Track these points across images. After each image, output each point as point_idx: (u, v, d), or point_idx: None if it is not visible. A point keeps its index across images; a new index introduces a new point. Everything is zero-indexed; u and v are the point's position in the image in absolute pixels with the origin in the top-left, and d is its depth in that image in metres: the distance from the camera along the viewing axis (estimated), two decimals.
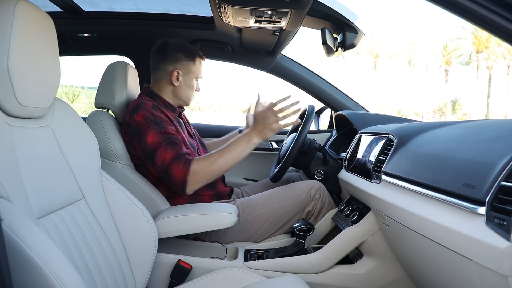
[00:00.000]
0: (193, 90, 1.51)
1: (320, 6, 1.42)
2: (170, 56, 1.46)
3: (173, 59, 1.45)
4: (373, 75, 34.64)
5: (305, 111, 1.60)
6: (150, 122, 1.30)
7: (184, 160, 1.27)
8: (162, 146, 1.28)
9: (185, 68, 1.47)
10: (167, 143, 1.29)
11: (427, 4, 0.75)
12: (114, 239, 0.97)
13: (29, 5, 0.76)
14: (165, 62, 1.46)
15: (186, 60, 1.46)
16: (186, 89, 1.49)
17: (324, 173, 1.59)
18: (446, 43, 32.77)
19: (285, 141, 1.79)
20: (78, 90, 14.63)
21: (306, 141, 1.61)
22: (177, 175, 1.26)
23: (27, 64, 0.75)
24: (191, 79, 1.48)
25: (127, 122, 1.35)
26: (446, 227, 0.71)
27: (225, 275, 1.07)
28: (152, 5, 1.84)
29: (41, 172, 0.79)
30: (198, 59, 1.49)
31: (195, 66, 1.48)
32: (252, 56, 2.00)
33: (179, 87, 1.48)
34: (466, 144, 0.80)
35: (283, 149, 1.70)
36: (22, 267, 0.58)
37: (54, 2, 1.66)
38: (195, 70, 1.49)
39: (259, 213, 1.41)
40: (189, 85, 1.49)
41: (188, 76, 1.48)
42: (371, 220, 1.18)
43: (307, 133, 1.49)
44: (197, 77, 1.51)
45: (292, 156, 1.47)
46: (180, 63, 1.46)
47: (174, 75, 1.45)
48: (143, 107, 1.34)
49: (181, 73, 1.46)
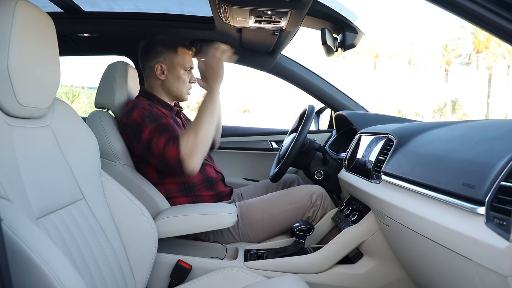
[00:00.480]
0: (184, 82, 1.48)
1: (320, 6, 1.42)
2: (151, 51, 1.46)
3: (154, 54, 1.45)
4: (373, 75, 34.65)
5: (305, 111, 1.60)
6: (146, 118, 1.30)
7: (172, 141, 1.25)
8: (156, 135, 1.27)
9: (168, 60, 1.45)
10: (160, 131, 1.27)
11: (427, 4, 0.75)
12: (114, 239, 0.97)
13: (29, 5, 0.76)
14: (148, 58, 1.47)
15: (167, 52, 1.45)
16: (174, 81, 1.47)
17: (324, 173, 1.59)
18: (446, 43, 32.78)
19: (285, 141, 1.79)
20: (78, 90, 14.62)
21: (306, 141, 1.61)
22: (171, 157, 1.23)
23: (27, 64, 0.75)
24: (177, 70, 1.46)
25: (124, 123, 1.35)
26: (446, 227, 0.71)
27: (225, 275, 1.07)
28: (152, 5, 1.84)
29: (41, 172, 0.79)
30: (181, 49, 1.46)
31: (178, 56, 1.45)
32: (252, 56, 2.00)
33: (167, 81, 1.46)
34: (466, 144, 0.80)
35: (283, 149, 1.69)
36: (22, 267, 0.58)
37: (54, 2, 1.66)
38: (180, 61, 1.46)
39: (258, 218, 1.40)
40: (176, 77, 1.46)
41: (173, 68, 1.46)
42: (371, 220, 1.18)
43: (307, 133, 1.49)
44: (184, 67, 1.47)
45: (292, 156, 1.47)
46: (161, 56, 1.45)
47: (158, 69, 1.44)
48: (138, 106, 1.34)
49: (164, 66, 1.45)
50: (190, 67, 1.50)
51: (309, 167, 1.62)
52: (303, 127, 1.48)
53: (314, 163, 1.61)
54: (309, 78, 2.04)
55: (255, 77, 61.81)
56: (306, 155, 1.61)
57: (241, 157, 2.14)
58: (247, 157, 2.14)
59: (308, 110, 1.56)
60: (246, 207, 1.42)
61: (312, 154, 1.62)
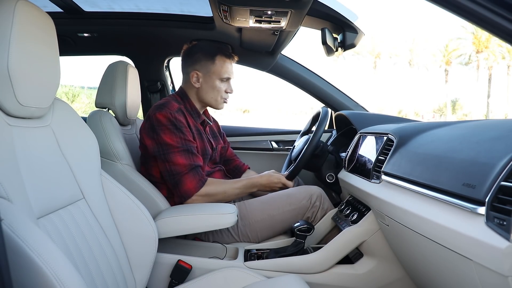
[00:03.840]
0: (219, 92, 1.46)
1: (320, 6, 1.42)
2: (190, 57, 1.46)
3: (192, 60, 1.45)
4: (373, 75, 34.64)
5: (319, 113, 1.59)
6: (170, 124, 1.33)
7: (199, 176, 1.34)
8: (179, 150, 1.32)
9: (204, 69, 1.44)
10: (184, 150, 1.32)
11: (427, 4, 0.75)
12: (114, 239, 0.97)
13: (29, 5, 0.76)
14: (186, 64, 1.47)
15: (204, 60, 1.44)
16: (209, 90, 1.45)
17: (335, 176, 1.57)
18: (446, 43, 32.77)
19: (296, 143, 1.78)
20: (78, 90, 14.63)
21: (319, 144, 1.59)
22: (186, 187, 1.32)
23: (27, 64, 0.75)
24: (212, 80, 1.44)
25: (149, 115, 1.38)
26: (446, 227, 0.71)
27: (225, 275, 1.07)
28: (152, 5, 1.84)
29: (41, 172, 0.79)
30: (219, 57, 1.44)
31: (215, 65, 1.44)
32: (252, 56, 2.00)
33: (201, 89, 1.46)
34: (466, 144, 0.80)
35: (295, 150, 1.68)
36: (22, 267, 0.58)
37: (54, 2, 1.66)
38: (216, 70, 1.44)
39: (258, 219, 1.40)
40: (211, 86, 1.45)
41: (209, 77, 1.44)
42: (371, 220, 1.18)
43: (321, 135, 1.48)
44: (221, 77, 1.45)
45: (306, 158, 1.46)
46: (198, 63, 1.44)
47: (193, 77, 1.45)
48: (168, 107, 1.36)
49: (200, 74, 1.44)
50: (227, 77, 1.47)
51: (320, 170, 1.61)
52: (318, 130, 1.47)
53: (326, 166, 1.60)
54: (309, 78, 2.04)
55: (255, 77, 61.79)
56: (318, 157, 1.60)
57: (241, 157, 2.14)
58: (247, 157, 2.14)
59: (322, 113, 1.55)
60: (246, 207, 1.42)
61: (325, 157, 1.60)
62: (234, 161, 1.73)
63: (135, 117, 1.58)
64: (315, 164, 1.61)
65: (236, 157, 1.75)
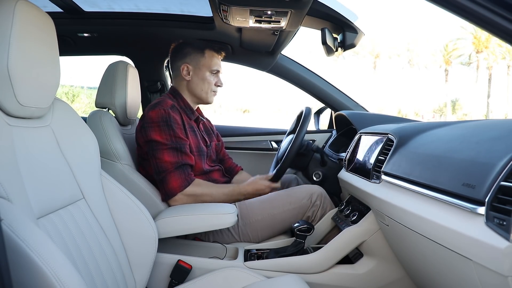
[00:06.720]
0: (209, 84, 1.51)
1: (320, 6, 1.42)
2: (180, 52, 1.50)
3: (182, 54, 1.50)
4: (373, 75, 34.63)
5: (302, 112, 1.59)
6: (162, 121, 1.34)
7: (185, 175, 1.33)
8: (167, 147, 1.33)
9: (194, 61, 1.49)
10: (172, 147, 1.33)
11: (427, 4, 0.75)
12: (114, 239, 0.97)
13: (29, 5, 0.76)
14: (176, 59, 1.51)
15: (194, 53, 1.49)
16: (199, 83, 1.49)
17: (322, 174, 1.58)
18: (446, 43, 32.75)
19: (282, 143, 1.79)
20: (78, 90, 14.64)
21: (304, 143, 1.61)
22: (171, 185, 1.31)
23: (27, 64, 0.75)
24: (202, 72, 1.49)
25: (143, 115, 1.42)
26: (446, 227, 0.71)
27: (225, 275, 1.07)
28: (152, 5, 1.84)
29: (41, 172, 0.79)
30: (208, 51, 1.50)
31: (204, 58, 1.49)
32: (252, 56, 2.00)
33: (192, 82, 1.50)
34: (466, 144, 0.80)
35: (281, 150, 1.69)
36: (22, 267, 0.58)
37: (54, 2, 1.66)
38: (206, 63, 1.49)
39: (258, 218, 1.40)
40: (201, 78, 1.49)
41: (199, 69, 1.49)
42: (371, 220, 1.18)
43: (304, 134, 1.48)
44: (210, 69, 1.50)
45: (290, 158, 1.46)
46: (188, 57, 1.49)
47: (184, 70, 1.48)
48: (161, 104, 1.38)
49: (190, 66, 1.48)
50: (216, 70, 1.52)
51: (307, 169, 1.62)
52: (300, 129, 1.47)
53: (312, 164, 1.61)
54: (309, 78, 2.04)
55: (255, 77, 61.78)
56: (304, 156, 1.61)
57: (241, 157, 2.14)
58: (247, 157, 2.14)
59: (305, 112, 1.55)
60: (246, 207, 1.43)
61: (310, 156, 1.61)
62: (227, 162, 1.73)
63: (135, 117, 1.58)
64: (301, 163, 1.62)
65: (229, 158, 1.76)
